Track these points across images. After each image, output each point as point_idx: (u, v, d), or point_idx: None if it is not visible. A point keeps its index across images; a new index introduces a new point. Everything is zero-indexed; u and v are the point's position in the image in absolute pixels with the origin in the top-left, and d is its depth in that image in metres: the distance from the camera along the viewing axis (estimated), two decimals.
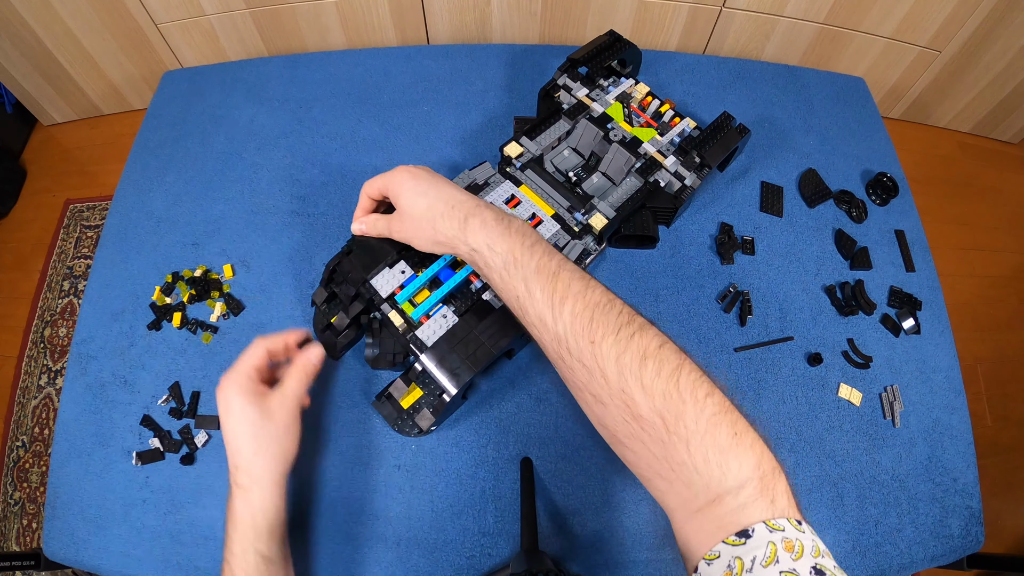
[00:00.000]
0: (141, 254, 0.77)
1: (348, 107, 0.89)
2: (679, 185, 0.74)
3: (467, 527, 0.62)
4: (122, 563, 0.61)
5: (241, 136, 0.86)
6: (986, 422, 1.32)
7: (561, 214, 0.70)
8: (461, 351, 0.59)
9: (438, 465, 0.65)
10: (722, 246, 0.77)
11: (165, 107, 0.90)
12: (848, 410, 0.69)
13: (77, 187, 1.58)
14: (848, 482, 0.66)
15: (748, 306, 0.73)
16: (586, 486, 0.64)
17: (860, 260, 0.77)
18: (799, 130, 0.89)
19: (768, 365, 0.71)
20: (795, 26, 1.38)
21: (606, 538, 0.62)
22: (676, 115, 0.78)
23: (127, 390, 0.69)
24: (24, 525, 1.16)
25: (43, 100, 1.56)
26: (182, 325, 0.71)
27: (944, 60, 1.42)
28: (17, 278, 1.46)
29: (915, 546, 0.64)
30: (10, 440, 1.25)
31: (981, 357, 1.39)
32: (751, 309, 0.73)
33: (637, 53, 0.83)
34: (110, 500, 0.64)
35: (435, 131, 0.87)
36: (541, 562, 0.50)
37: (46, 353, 1.34)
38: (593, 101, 0.78)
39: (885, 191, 0.83)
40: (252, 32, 1.41)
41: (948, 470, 0.67)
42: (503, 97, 0.90)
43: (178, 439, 0.66)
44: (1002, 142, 1.68)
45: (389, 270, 0.64)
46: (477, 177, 0.72)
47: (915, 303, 0.75)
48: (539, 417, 0.67)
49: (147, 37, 1.41)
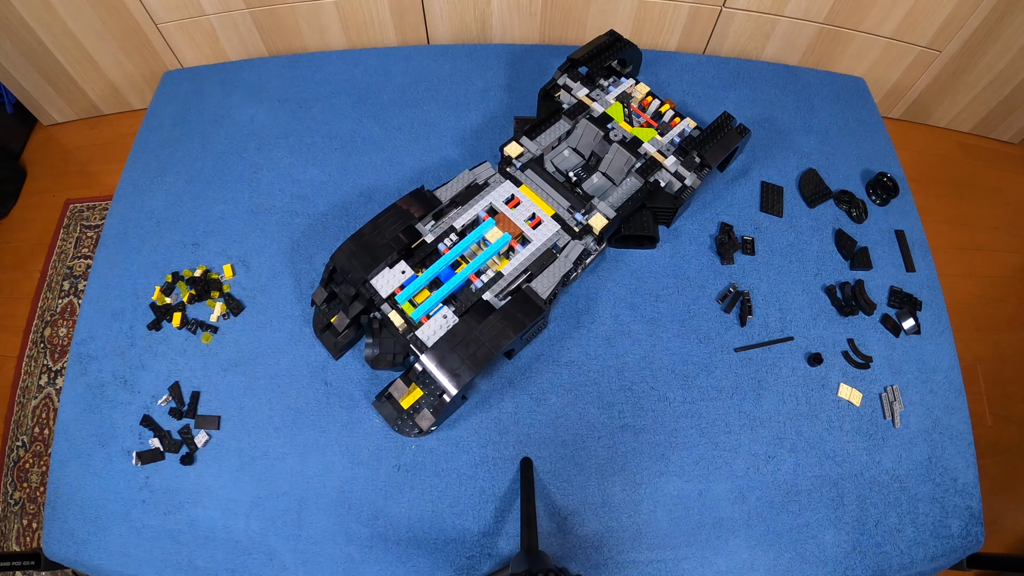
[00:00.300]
0: (141, 254, 0.77)
1: (348, 107, 0.89)
2: (679, 185, 0.74)
3: (467, 527, 0.62)
4: (122, 563, 0.61)
5: (241, 136, 0.86)
6: (986, 422, 1.32)
7: (561, 214, 0.70)
8: (461, 351, 0.59)
9: (438, 465, 0.65)
10: (722, 246, 0.77)
11: (165, 107, 0.90)
12: (848, 410, 0.69)
13: (77, 187, 1.58)
14: (848, 482, 0.66)
15: (748, 306, 0.73)
16: (586, 486, 0.64)
17: (860, 260, 0.77)
18: (799, 130, 0.89)
19: (768, 365, 0.71)
20: (795, 26, 1.38)
21: (606, 538, 0.62)
22: (676, 115, 0.78)
23: (127, 390, 0.69)
24: (24, 525, 1.16)
25: (43, 100, 1.56)
26: (182, 325, 0.71)
27: (944, 60, 1.41)
28: (17, 278, 1.46)
29: (915, 546, 0.64)
30: (10, 440, 1.25)
31: (981, 357, 1.39)
32: (751, 309, 0.73)
33: (637, 53, 0.83)
34: (110, 500, 0.64)
35: (435, 131, 0.87)
36: (541, 562, 0.50)
37: (46, 353, 1.34)
38: (593, 101, 0.78)
39: (885, 191, 0.83)
40: (252, 32, 1.41)
41: (948, 470, 0.67)
42: (503, 97, 0.90)
43: (178, 439, 0.66)
44: (1002, 142, 1.68)
45: (389, 270, 0.64)
46: (477, 177, 0.72)
47: (915, 303, 0.75)
48: (539, 417, 0.67)
49: (147, 37, 1.40)
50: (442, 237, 0.67)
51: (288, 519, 0.62)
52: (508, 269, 0.65)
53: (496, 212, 0.70)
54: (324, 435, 0.66)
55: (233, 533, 0.62)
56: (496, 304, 0.62)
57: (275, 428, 0.66)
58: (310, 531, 0.62)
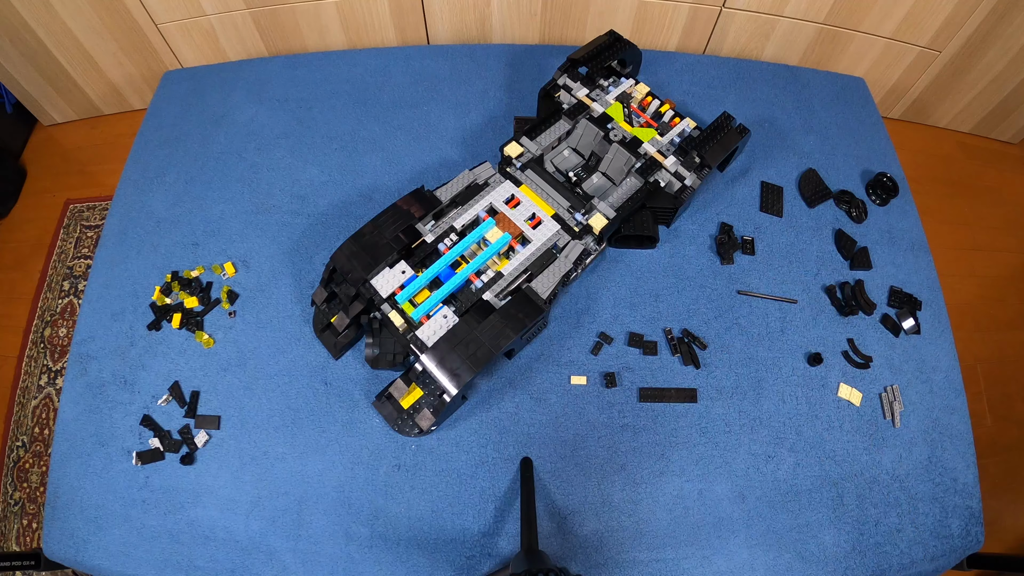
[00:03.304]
0: (141, 254, 0.77)
1: (348, 107, 0.88)
2: (679, 185, 0.74)
3: (467, 527, 0.62)
4: (122, 563, 0.61)
5: (241, 136, 0.86)
6: (986, 422, 1.32)
7: (561, 214, 0.70)
8: (461, 351, 0.59)
9: (438, 465, 0.65)
10: (722, 246, 0.77)
11: (165, 107, 0.90)
12: (848, 410, 0.69)
13: (77, 187, 1.58)
14: (848, 482, 0.66)
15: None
16: (586, 486, 0.64)
17: (860, 260, 0.77)
18: (799, 130, 0.89)
19: (768, 365, 0.71)
20: (795, 26, 1.38)
21: (606, 538, 0.62)
22: (676, 115, 0.78)
23: (127, 390, 0.69)
24: (24, 525, 1.16)
25: (43, 100, 1.56)
26: (182, 325, 0.71)
27: (944, 60, 1.42)
28: (17, 278, 1.46)
29: (915, 546, 0.64)
30: (10, 440, 1.25)
31: (981, 357, 1.39)
32: None
33: (637, 53, 0.83)
34: (110, 500, 0.64)
35: (435, 131, 0.87)
36: (541, 562, 0.50)
37: (46, 353, 1.34)
38: (593, 101, 0.78)
39: (885, 191, 0.83)
40: (252, 32, 1.41)
41: (948, 470, 0.67)
42: (503, 97, 0.90)
43: (178, 439, 0.66)
44: (1002, 142, 1.68)
45: (389, 270, 0.64)
46: (477, 177, 0.72)
47: (915, 303, 0.75)
48: (539, 417, 0.67)
49: (147, 37, 1.41)
50: (442, 237, 0.67)
51: (288, 519, 0.62)
52: (508, 269, 0.65)
53: (496, 212, 0.70)
54: (324, 435, 0.66)
55: (233, 533, 0.62)
56: (496, 304, 0.62)
57: (275, 428, 0.66)
58: (310, 531, 0.62)
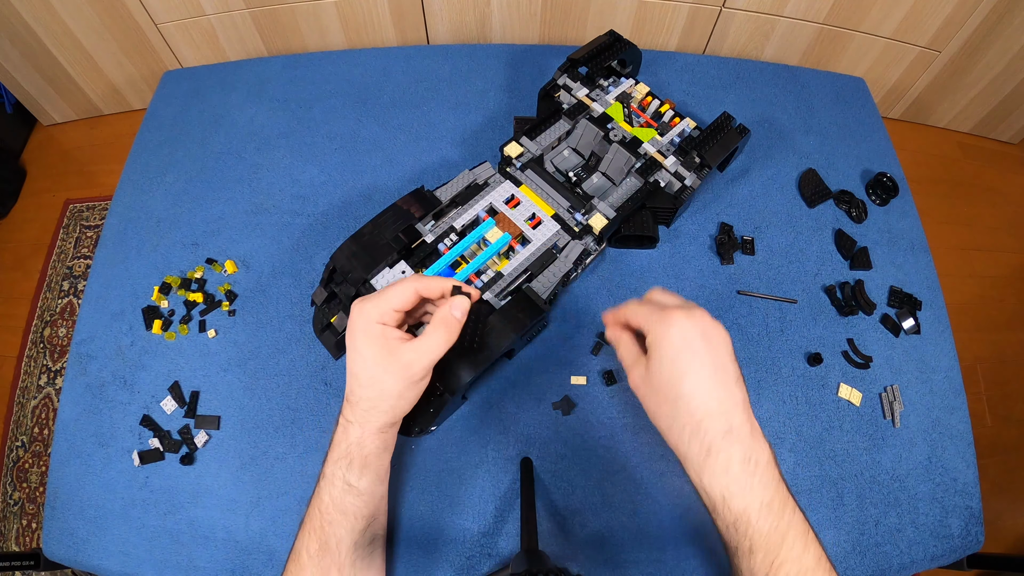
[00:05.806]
0: (141, 254, 0.77)
1: (348, 107, 0.89)
2: (679, 185, 0.74)
3: (467, 527, 0.62)
4: (121, 563, 0.61)
5: (241, 136, 0.86)
6: (986, 422, 1.32)
7: (561, 214, 0.70)
8: (461, 351, 0.59)
9: (438, 465, 0.65)
10: (722, 246, 0.77)
11: (165, 107, 0.90)
12: (848, 410, 0.69)
13: (77, 187, 1.58)
14: (848, 482, 0.66)
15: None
16: (586, 486, 0.64)
17: (860, 260, 0.77)
18: (799, 130, 0.89)
19: (768, 365, 0.71)
20: (795, 26, 1.38)
21: (606, 538, 0.62)
22: (676, 115, 0.78)
23: (127, 390, 0.69)
24: (24, 525, 1.16)
25: (43, 100, 1.56)
26: (165, 328, 0.71)
27: (944, 60, 1.42)
28: (17, 278, 1.46)
29: (915, 546, 0.64)
30: (10, 440, 1.25)
31: (981, 357, 1.39)
32: None
33: (637, 53, 0.83)
34: (110, 500, 0.64)
35: (435, 131, 0.87)
36: (541, 562, 0.50)
37: (46, 353, 1.34)
38: (593, 101, 0.78)
39: (885, 191, 0.83)
40: (252, 32, 1.41)
41: (948, 470, 0.67)
42: (503, 97, 0.90)
43: (178, 439, 0.66)
44: (1002, 142, 1.68)
45: (389, 270, 0.64)
46: (477, 177, 0.72)
47: (915, 303, 0.75)
48: (539, 417, 0.67)
49: (147, 37, 1.41)
50: (442, 237, 0.67)
51: (288, 519, 0.62)
52: (508, 269, 0.65)
53: (496, 212, 0.70)
54: (324, 435, 0.66)
55: (233, 533, 0.62)
56: (496, 304, 0.62)
57: (275, 428, 0.66)
58: None
